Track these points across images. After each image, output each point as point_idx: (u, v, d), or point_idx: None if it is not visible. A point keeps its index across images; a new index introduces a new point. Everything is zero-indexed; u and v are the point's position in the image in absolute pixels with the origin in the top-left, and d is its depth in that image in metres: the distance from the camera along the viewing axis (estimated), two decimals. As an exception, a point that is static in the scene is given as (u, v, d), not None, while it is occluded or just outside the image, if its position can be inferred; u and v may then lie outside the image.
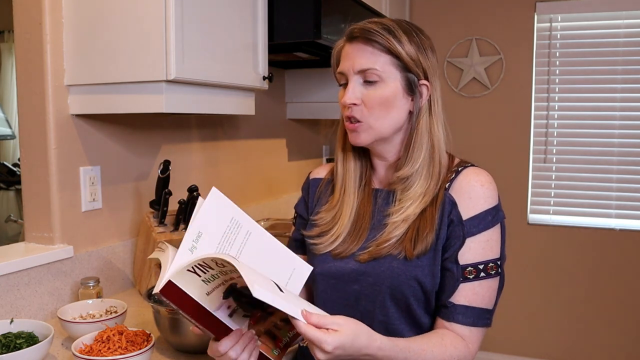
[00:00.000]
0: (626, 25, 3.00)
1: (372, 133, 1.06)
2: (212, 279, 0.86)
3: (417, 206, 1.04)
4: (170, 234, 1.66)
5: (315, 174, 1.26)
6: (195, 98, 1.50)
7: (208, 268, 0.84)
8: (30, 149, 1.53)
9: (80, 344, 1.14)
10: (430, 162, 1.07)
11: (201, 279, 0.85)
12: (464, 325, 1.00)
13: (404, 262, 1.02)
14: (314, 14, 1.82)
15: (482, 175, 1.06)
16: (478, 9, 3.20)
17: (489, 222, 1.03)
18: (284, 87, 2.71)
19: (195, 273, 0.84)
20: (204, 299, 0.86)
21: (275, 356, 0.93)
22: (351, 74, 1.05)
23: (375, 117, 1.05)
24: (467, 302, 1.01)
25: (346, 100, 1.05)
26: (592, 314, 3.13)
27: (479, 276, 1.01)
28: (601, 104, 3.08)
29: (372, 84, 1.04)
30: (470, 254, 1.02)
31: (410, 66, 1.05)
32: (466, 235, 1.02)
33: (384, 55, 1.04)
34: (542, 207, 3.22)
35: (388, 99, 1.04)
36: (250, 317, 0.91)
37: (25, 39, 1.50)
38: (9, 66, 4.52)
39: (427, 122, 1.07)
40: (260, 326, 0.92)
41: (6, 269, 1.37)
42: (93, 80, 1.47)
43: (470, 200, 1.03)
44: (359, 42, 1.05)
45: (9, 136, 4.18)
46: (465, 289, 1.01)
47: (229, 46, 1.59)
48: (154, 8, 1.35)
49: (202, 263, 0.83)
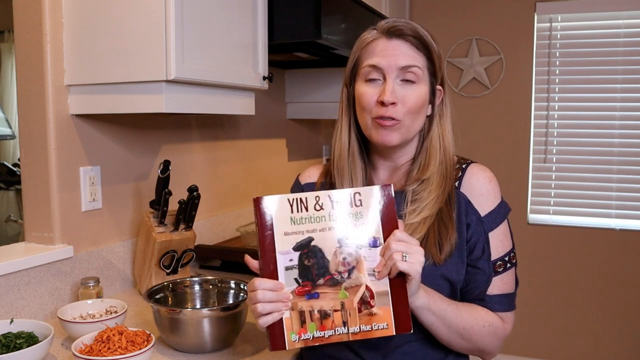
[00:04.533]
0: (626, 25, 3.00)
1: (404, 134, 1.07)
2: (299, 221, 0.89)
3: (433, 206, 1.05)
4: (170, 234, 1.66)
5: (306, 178, 1.23)
6: (195, 98, 1.50)
7: (304, 209, 0.89)
8: (30, 149, 1.53)
9: (80, 344, 1.14)
10: (443, 165, 1.09)
11: (291, 215, 0.90)
12: (501, 312, 1.07)
13: (433, 267, 1.03)
14: (314, 14, 1.82)
15: (487, 172, 1.11)
16: (478, 9, 3.20)
17: (501, 216, 1.08)
18: (284, 87, 2.71)
19: (291, 206, 0.90)
20: (280, 233, 0.90)
21: (291, 341, 0.90)
22: (392, 70, 1.03)
23: (411, 118, 1.06)
24: (499, 291, 1.07)
25: (389, 99, 1.02)
26: (592, 313, 3.13)
27: (506, 267, 1.08)
28: (601, 104, 3.08)
29: (410, 84, 1.04)
30: (494, 249, 1.06)
31: (437, 71, 1.08)
32: (487, 231, 1.06)
33: (423, 57, 1.05)
34: (542, 207, 3.22)
35: (423, 101, 1.06)
36: (298, 284, 0.91)
37: (25, 39, 1.50)
38: (9, 66, 4.53)
39: (440, 126, 1.11)
40: (300, 301, 0.91)
41: (6, 269, 1.37)
42: (93, 80, 1.47)
43: (482, 197, 1.07)
44: (402, 39, 1.04)
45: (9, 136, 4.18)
46: (497, 281, 1.07)
47: (229, 46, 1.59)
48: (154, 8, 1.35)
49: (303, 200, 0.90)
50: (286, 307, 0.90)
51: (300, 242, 0.90)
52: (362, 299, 0.90)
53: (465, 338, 1.03)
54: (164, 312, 1.26)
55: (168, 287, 1.43)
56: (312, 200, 0.90)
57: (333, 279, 0.91)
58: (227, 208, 2.27)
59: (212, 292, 1.47)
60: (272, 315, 0.90)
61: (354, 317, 0.90)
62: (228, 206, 2.28)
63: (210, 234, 2.11)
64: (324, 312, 0.90)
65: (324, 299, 0.90)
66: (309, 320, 0.90)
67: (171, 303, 1.42)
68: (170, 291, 1.43)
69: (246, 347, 1.31)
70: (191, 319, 1.24)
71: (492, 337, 1.06)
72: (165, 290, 1.42)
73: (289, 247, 0.90)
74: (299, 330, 0.90)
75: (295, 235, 0.90)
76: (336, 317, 0.90)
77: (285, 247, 0.90)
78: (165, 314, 1.26)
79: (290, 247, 0.90)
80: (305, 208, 0.90)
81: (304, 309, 0.90)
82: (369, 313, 0.90)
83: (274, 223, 0.90)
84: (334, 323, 0.90)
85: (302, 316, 0.90)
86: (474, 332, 1.03)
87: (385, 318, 0.90)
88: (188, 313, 1.26)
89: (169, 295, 1.42)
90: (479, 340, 1.04)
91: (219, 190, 2.22)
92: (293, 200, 0.90)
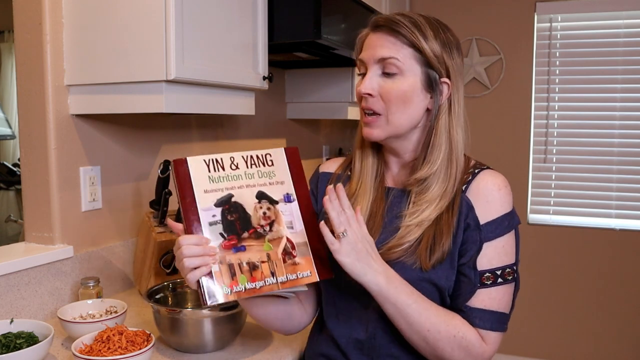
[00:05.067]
0: (626, 25, 3.00)
1: (388, 129, 1.03)
2: (217, 179, 0.93)
3: (432, 210, 1.01)
4: (170, 234, 1.66)
5: (325, 167, 1.21)
6: (195, 98, 1.50)
7: (221, 169, 0.94)
8: (30, 149, 1.53)
9: (80, 344, 1.14)
10: (448, 164, 1.03)
11: (209, 174, 0.94)
12: (481, 329, 0.98)
13: (420, 272, 0.99)
14: (314, 14, 1.82)
15: (499, 179, 1.03)
16: (478, 9, 3.20)
17: (505, 228, 1.01)
18: (284, 87, 2.71)
19: (207, 166, 0.94)
20: (200, 191, 0.93)
21: (223, 293, 0.91)
22: (371, 62, 1.02)
23: (392, 111, 1.01)
24: (483, 306, 0.99)
25: (361, 90, 1.02)
26: (592, 313, 3.13)
27: (497, 282, 1.00)
28: (601, 104, 3.08)
29: (391, 77, 1.01)
30: (487, 260, 1.00)
31: (433, 62, 1.01)
32: (483, 240, 0.99)
33: (406, 47, 1.01)
34: (542, 207, 3.22)
35: (406, 93, 1.01)
36: (224, 238, 0.93)
37: (25, 39, 1.50)
38: (9, 66, 4.53)
39: (446, 122, 1.03)
40: (228, 254, 0.92)
41: (6, 269, 1.37)
42: (93, 80, 1.47)
43: (488, 204, 1.01)
44: (383, 32, 1.02)
45: (9, 136, 4.18)
46: (482, 294, 0.99)
47: (229, 46, 1.58)
48: (154, 8, 1.35)
49: (219, 160, 0.94)
50: (214, 260, 0.91)
51: (221, 198, 0.94)
52: (284, 250, 0.95)
53: (429, 343, 0.96)
54: (164, 312, 1.26)
55: (168, 287, 1.43)
56: (228, 160, 0.95)
57: (257, 232, 0.95)
58: (227, 208, 2.27)
59: (212, 292, 1.47)
60: (201, 269, 0.90)
61: (280, 267, 0.95)
62: (228, 206, 2.27)
63: (210, 234, 2.11)
64: (253, 264, 0.93)
65: (251, 252, 0.94)
66: (239, 272, 0.92)
67: (171, 303, 1.42)
68: (170, 291, 1.43)
69: (246, 347, 1.31)
70: (191, 319, 1.24)
71: (462, 352, 0.96)
72: (165, 290, 1.42)
73: (210, 203, 0.93)
74: (230, 283, 0.92)
75: (215, 193, 0.94)
76: (264, 268, 0.94)
77: (206, 203, 0.93)
78: (165, 314, 1.26)
79: (212, 204, 0.93)
80: (222, 167, 0.94)
81: (233, 262, 0.92)
82: (293, 263, 0.95)
83: (193, 182, 0.93)
84: (263, 274, 0.93)
85: (231, 269, 0.92)
86: (440, 339, 0.95)
87: (308, 267, 0.96)
88: (188, 313, 1.26)
89: (169, 295, 1.42)
90: (445, 351, 0.96)
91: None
92: (209, 160, 0.94)
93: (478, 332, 0.98)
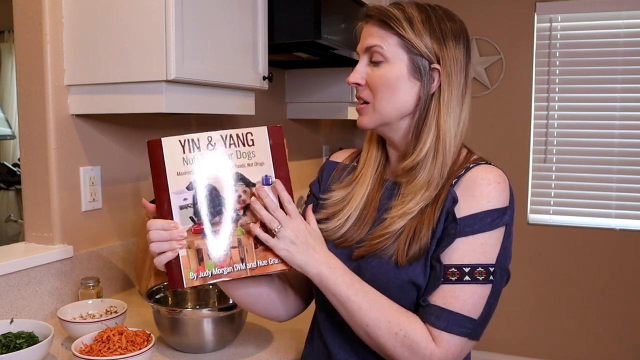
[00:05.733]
0: (626, 25, 3.00)
1: (376, 117, 1.03)
2: (191, 161, 0.91)
3: (417, 201, 0.98)
4: (170, 234, 1.66)
5: (334, 157, 1.22)
6: (195, 98, 1.50)
7: (197, 149, 0.90)
8: (30, 149, 1.53)
9: (80, 344, 1.14)
10: (434, 153, 1.00)
11: (183, 155, 0.91)
12: (437, 328, 0.91)
13: (395, 266, 0.96)
14: (314, 14, 1.82)
15: (492, 174, 0.96)
16: (478, 9, 3.20)
17: (486, 224, 0.93)
18: (284, 87, 2.71)
19: (183, 147, 0.91)
20: (172, 174, 0.91)
21: (189, 279, 0.90)
22: (361, 52, 1.05)
23: (378, 98, 1.02)
24: (443, 303, 0.91)
25: (349, 79, 1.04)
26: (592, 313, 3.13)
27: (462, 279, 0.91)
28: (601, 104, 3.08)
29: (377, 65, 1.02)
30: (457, 255, 0.92)
31: (420, 49, 0.99)
32: (457, 234, 0.93)
33: (391, 35, 1.01)
34: (542, 207, 3.22)
35: (390, 80, 1.01)
36: (194, 223, 0.91)
37: (25, 39, 1.50)
38: (9, 66, 4.53)
39: (435, 110, 1.01)
40: (196, 239, 0.91)
41: (6, 269, 1.37)
42: (93, 80, 1.47)
43: (473, 198, 0.94)
44: (370, 22, 1.04)
45: (9, 136, 4.18)
46: (443, 290, 0.92)
47: (229, 46, 1.59)
48: (154, 8, 1.35)
49: (195, 140, 0.90)
50: (180, 245, 0.90)
51: (192, 182, 0.91)
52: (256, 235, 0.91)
53: (371, 337, 0.93)
54: (164, 312, 1.26)
55: (168, 287, 1.43)
56: (205, 140, 0.91)
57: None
58: (227, 208, 2.27)
59: (212, 292, 1.47)
60: (167, 254, 0.90)
61: (251, 253, 0.91)
62: (228, 206, 2.27)
63: (210, 234, 2.11)
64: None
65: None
66: (206, 258, 0.91)
67: (171, 303, 1.42)
68: (170, 291, 1.43)
69: (246, 347, 1.31)
70: (191, 319, 1.24)
71: (405, 351, 0.91)
72: (165, 290, 1.42)
73: (183, 186, 0.91)
74: (197, 268, 0.90)
75: (189, 175, 0.91)
76: (234, 253, 0.91)
77: (178, 187, 0.91)
78: (165, 314, 1.26)
79: (184, 187, 0.91)
80: (197, 148, 0.91)
81: (201, 247, 0.90)
82: (265, 248, 0.92)
83: (166, 163, 0.91)
84: (232, 260, 0.91)
85: (199, 254, 0.91)
86: (381, 335, 0.92)
87: None
88: (188, 313, 1.26)
89: (169, 295, 1.42)
90: (387, 347, 0.92)
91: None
92: (185, 141, 0.91)
93: (430, 331, 0.91)
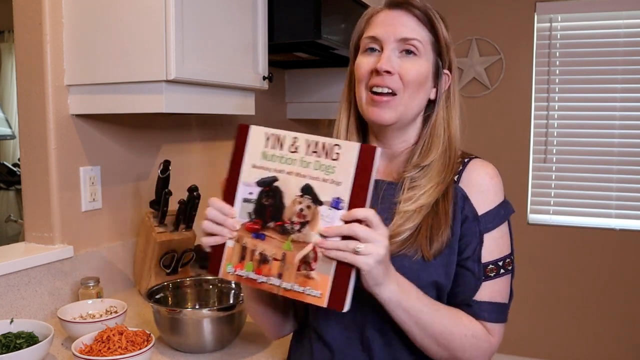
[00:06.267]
0: (626, 25, 3.00)
1: (400, 111, 0.99)
2: (270, 158, 0.88)
3: (430, 195, 0.97)
4: (171, 234, 1.66)
5: None
6: (195, 98, 1.50)
7: (279, 147, 0.87)
8: (30, 149, 1.53)
9: (80, 344, 1.14)
10: (445, 154, 1.01)
11: (264, 149, 0.88)
12: (489, 322, 0.96)
13: (422, 264, 0.95)
14: (314, 14, 1.82)
15: (490, 168, 1.01)
16: (478, 9, 3.20)
17: (501, 218, 0.99)
18: (284, 87, 2.71)
19: (267, 140, 0.88)
20: (248, 164, 0.89)
21: (225, 271, 0.88)
22: (390, 40, 0.97)
23: (409, 93, 0.98)
24: (489, 298, 0.97)
25: (382, 66, 0.96)
26: (592, 313, 3.13)
27: (499, 273, 0.98)
28: (601, 104, 3.08)
29: (410, 56, 0.98)
30: (488, 252, 0.97)
31: (443, 51, 1.01)
32: (483, 231, 0.97)
33: (426, 31, 1.00)
34: (542, 207, 3.21)
35: (422, 76, 0.99)
36: (250, 220, 0.88)
37: (25, 39, 1.50)
38: (9, 66, 4.53)
39: (445, 113, 1.03)
40: (246, 236, 0.88)
41: (6, 269, 1.37)
42: (93, 80, 1.47)
43: (482, 194, 0.98)
44: (404, 11, 0.99)
45: (9, 136, 4.18)
46: (487, 287, 0.97)
47: (229, 46, 1.59)
48: (154, 8, 1.35)
49: (280, 137, 0.87)
50: (231, 235, 0.88)
51: (265, 178, 0.87)
52: (305, 257, 0.84)
53: (442, 345, 0.93)
54: (164, 312, 1.27)
55: (168, 287, 1.43)
56: (290, 140, 0.87)
57: (283, 227, 0.85)
58: (227, 208, 2.26)
59: (212, 292, 1.47)
60: (215, 238, 0.89)
61: (291, 272, 0.84)
62: (228, 206, 2.27)
63: (210, 234, 2.11)
64: (264, 257, 0.86)
65: (269, 244, 0.86)
66: (248, 258, 0.87)
67: (171, 303, 1.42)
68: (170, 291, 1.43)
69: (246, 347, 1.31)
70: (191, 319, 1.24)
71: (475, 350, 0.95)
72: (165, 290, 1.42)
73: (253, 180, 0.88)
74: (236, 265, 0.88)
75: (263, 171, 0.88)
76: (274, 266, 0.86)
77: (249, 178, 0.88)
78: (165, 314, 1.26)
79: (254, 181, 0.88)
80: (280, 146, 0.87)
81: (248, 246, 0.88)
82: (307, 275, 0.83)
83: (245, 152, 0.89)
84: (270, 271, 0.86)
85: (243, 251, 0.88)
86: (452, 340, 0.93)
87: (322, 287, 0.83)
88: (188, 313, 1.26)
89: (169, 295, 1.42)
90: (459, 352, 0.94)
91: (219, 190, 2.21)
92: (270, 135, 0.88)
93: (484, 325, 0.96)
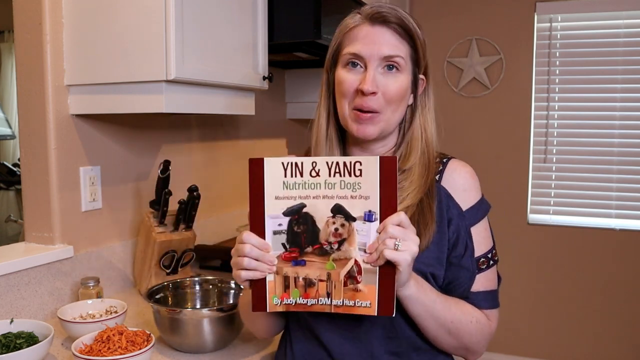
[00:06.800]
0: (626, 25, 3.00)
1: (383, 127, 1.02)
2: (292, 186, 0.87)
3: (415, 195, 1.01)
4: (170, 234, 1.66)
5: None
6: (195, 98, 1.50)
7: (299, 174, 0.87)
8: (30, 149, 1.53)
9: (80, 344, 1.14)
10: (425, 156, 1.05)
11: (284, 179, 0.87)
12: (488, 309, 1.04)
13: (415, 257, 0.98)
14: (314, 14, 1.82)
15: (468, 167, 1.08)
16: (478, 9, 3.20)
17: (483, 212, 1.06)
18: (284, 87, 2.71)
19: (285, 170, 0.87)
20: (270, 197, 0.88)
21: (272, 304, 0.89)
22: (374, 59, 0.99)
23: (392, 109, 1.01)
24: (484, 288, 1.04)
25: (369, 88, 0.98)
26: (592, 313, 3.13)
27: (489, 264, 1.05)
28: (601, 104, 3.08)
29: (392, 73, 1.00)
30: (477, 246, 1.04)
31: (420, 60, 1.03)
32: (469, 225, 1.03)
33: (406, 45, 1.01)
34: (542, 207, 3.21)
35: (404, 91, 1.01)
36: (286, 250, 0.89)
37: (25, 39, 1.50)
38: (9, 66, 4.53)
39: (421, 117, 1.07)
40: (285, 266, 0.89)
41: (6, 269, 1.37)
42: (93, 80, 1.47)
43: (465, 192, 1.04)
44: (386, 27, 1.00)
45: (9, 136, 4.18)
46: (481, 278, 1.04)
47: (229, 46, 1.59)
48: (154, 8, 1.35)
49: (299, 164, 0.87)
50: (270, 270, 0.88)
51: (292, 207, 0.88)
52: (349, 272, 0.87)
53: (452, 334, 0.99)
54: (164, 312, 1.27)
55: (168, 287, 1.43)
56: (309, 165, 0.87)
57: (322, 249, 0.88)
58: (227, 208, 2.27)
59: (212, 292, 1.47)
60: (254, 273, 0.88)
61: (339, 289, 0.88)
62: (228, 206, 2.28)
63: (210, 234, 2.11)
64: (309, 281, 0.88)
65: (311, 268, 0.88)
66: (292, 286, 0.89)
67: (171, 303, 1.42)
68: (170, 291, 1.43)
69: (246, 347, 1.31)
70: (191, 319, 1.24)
71: (480, 335, 1.02)
72: (165, 290, 1.42)
73: (279, 211, 0.88)
74: (282, 295, 0.89)
75: (287, 200, 0.88)
76: (321, 287, 0.88)
77: (274, 211, 0.88)
78: (165, 314, 1.26)
79: (281, 212, 0.88)
80: (300, 173, 0.87)
81: (289, 275, 0.89)
82: (354, 289, 0.87)
83: (265, 186, 0.88)
84: (318, 292, 0.88)
85: (286, 281, 0.89)
86: (462, 328, 0.99)
87: (370, 297, 0.87)
88: (188, 313, 1.26)
89: (169, 295, 1.42)
90: (467, 337, 1.01)
91: (219, 190, 2.22)
92: (287, 164, 0.87)
93: (484, 313, 1.04)
